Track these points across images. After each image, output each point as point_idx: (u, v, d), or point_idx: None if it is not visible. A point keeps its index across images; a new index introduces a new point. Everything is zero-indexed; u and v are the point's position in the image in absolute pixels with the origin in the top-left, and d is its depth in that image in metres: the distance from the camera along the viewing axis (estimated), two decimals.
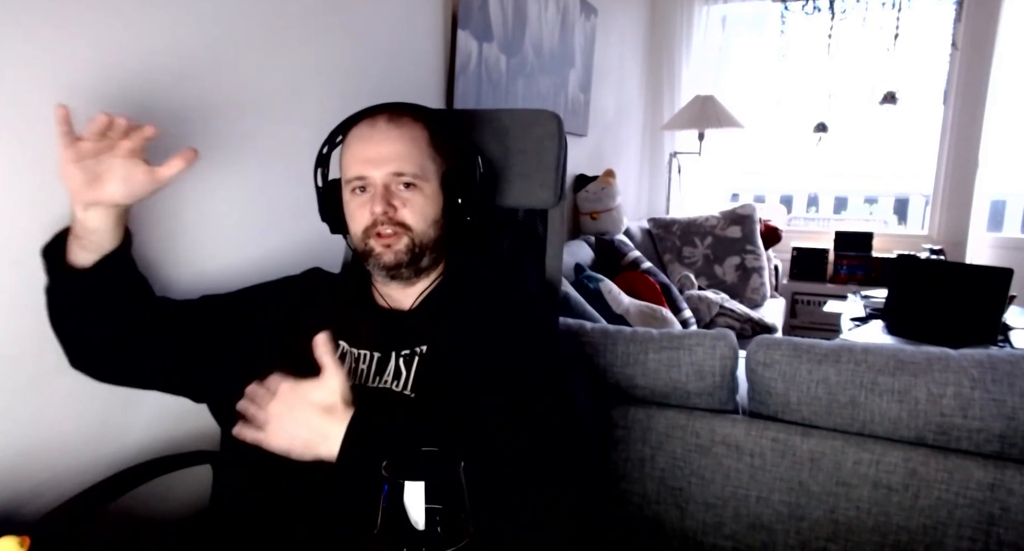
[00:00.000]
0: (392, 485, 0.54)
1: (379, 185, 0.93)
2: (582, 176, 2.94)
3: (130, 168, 0.83)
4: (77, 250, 0.86)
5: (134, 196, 0.85)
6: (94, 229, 0.85)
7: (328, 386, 0.78)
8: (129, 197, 0.84)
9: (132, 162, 0.83)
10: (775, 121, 4.22)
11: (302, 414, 0.77)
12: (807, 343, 1.29)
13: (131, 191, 0.84)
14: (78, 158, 0.80)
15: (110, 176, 0.82)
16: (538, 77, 2.41)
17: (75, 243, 0.86)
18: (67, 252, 0.87)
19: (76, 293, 0.88)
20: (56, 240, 0.88)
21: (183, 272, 1.12)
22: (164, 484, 1.00)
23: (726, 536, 1.30)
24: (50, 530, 0.83)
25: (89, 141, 0.81)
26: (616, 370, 1.38)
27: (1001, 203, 4.06)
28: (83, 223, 0.84)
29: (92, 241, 0.86)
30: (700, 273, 3.26)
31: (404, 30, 1.67)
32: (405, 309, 1.00)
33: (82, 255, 0.87)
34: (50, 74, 0.89)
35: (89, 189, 0.82)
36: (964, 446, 1.16)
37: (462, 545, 0.55)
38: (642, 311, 2.23)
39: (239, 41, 1.18)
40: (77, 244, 0.86)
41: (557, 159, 1.20)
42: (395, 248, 0.94)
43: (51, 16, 0.88)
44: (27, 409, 0.92)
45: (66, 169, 0.81)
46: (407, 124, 0.96)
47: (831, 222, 4.52)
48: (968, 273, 2.38)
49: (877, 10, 3.57)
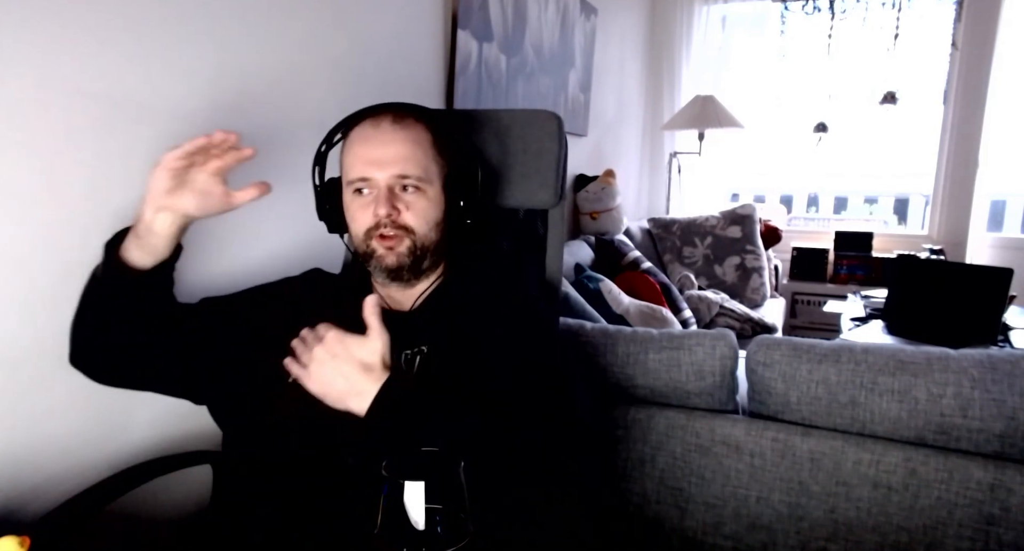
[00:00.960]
0: (392, 485, 0.54)
1: (383, 187, 0.93)
2: (582, 176, 2.94)
3: (211, 185, 0.87)
4: (134, 249, 0.87)
5: (205, 211, 0.88)
6: (158, 233, 0.86)
7: (371, 346, 0.80)
8: (201, 211, 0.87)
9: (214, 180, 0.87)
10: (775, 121, 4.22)
11: (344, 366, 0.79)
12: (807, 343, 1.29)
13: (204, 206, 0.87)
14: (177, 166, 0.83)
15: (191, 187, 0.86)
16: (538, 77, 2.41)
17: (134, 242, 0.87)
18: (122, 249, 0.88)
19: (122, 289, 0.89)
20: (117, 236, 0.89)
21: (184, 275, 1.12)
22: (164, 484, 1.00)
23: (726, 536, 1.30)
24: (50, 530, 0.83)
25: (189, 153, 0.84)
26: (616, 370, 1.38)
27: (1001, 203, 4.06)
28: (149, 225, 0.86)
29: (151, 244, 0.87)
30: (700, 273, 3.26)
31: (404, 30, 1.67)
32: (406, 310, 1.00)
33: (137, 255, 0.88)
34: (54, 74, 0.89)
35: (168, 195, 0.84)
36: (964, 446, 1.16)
37: (462, 545, 0.55)
38: (642, 311, 2.23)
39: (238, 41, 1.17)
40: (136, 243, 0.87)
41: (557, 159, 1.20)
42: (397, 250, 0.94)
43: (56, 15, 0.88)
44: (27, 409, 0.92)
45: (158, 171, 0.84)
46: (411, 125, 0.95)
47: (831, 222, 4.52)
48: (968, 273, 2.38)
49: (877, 10, 3.57)
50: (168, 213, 0.86)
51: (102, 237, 0.89)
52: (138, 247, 0.87)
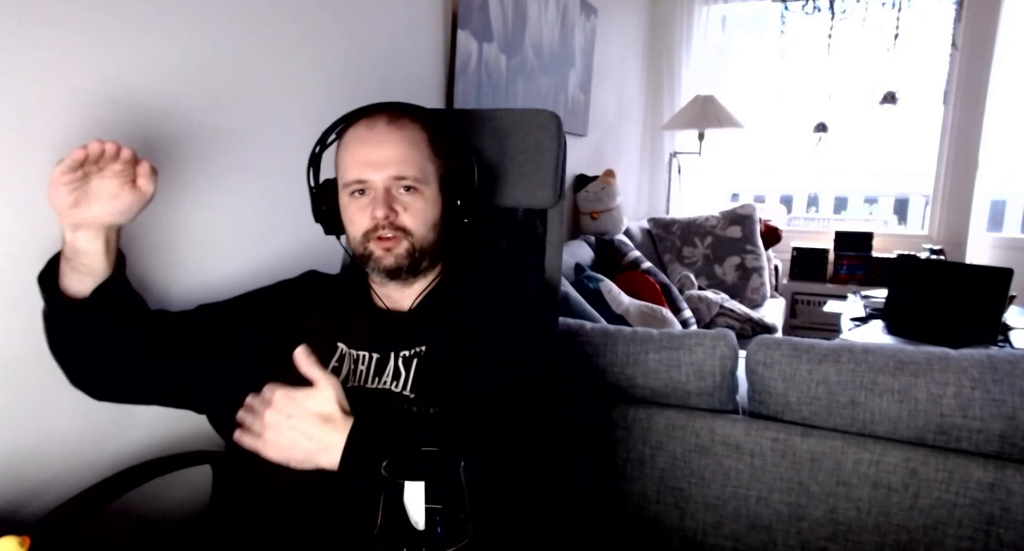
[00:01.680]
0: (392, 485, 0.54)
1: (380, 189, 0.92)
2: (582, 176, 2.94)
3: (116, 188, 0.82)
4: (69, 273, 0.84)
5: (124, 214, 0.84)
6: (84, 251, 0.83)
7: (323, 396, 0.77)
8: (116, 216, 0.84)
9: (118, 182, 0.82)
10: (775, 121, 4.22)
11: (302, 424, 0.76)
12: (807, 343, 1.29)
13: (118, 210, 0.83)
14: (67, 180, 0.79)
15: (96, 196, 0.81)
16: (538, 77, 2.41)
17: (66, 266, 0.84)
18: (60, 277, 0.85)
19: (73, 322, 0.87)
20: (50, 265, 0.86)
21: (181, 282, 1.12)
22: (164, 484, 1.00)
23: (726, 536, 1.30)
24: (50, 530, 0.83)
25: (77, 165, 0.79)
26: (616, 370, 1.38)
27: (1001, 203, 4.06)
28: (72, 245, 0.83)
29: (83, 264, 0.84)
30: (700, 273, 3.26)
31: (404, 30, 1.66)
32: (404, 310, 1.00)
33: (75, 279, 0.85)
34: (51, 77, 0.89)
35: (75, 209, 0.81)
36: (964, 446, 1.16)
37: (462, 545, 0.55)
38: (642, 311, 2.23)
39: (236, 42, 1.17)
40: (68, 267, 0.84)
41: (556, 159, 1.20)
42: (395, 252, 0.94)
43: (53, 20, 0.88)
44: (27, 409, 0.92)
45: (53, 189, 0.79)
46: (407, 126, 0.95)
47: (831, 222, 4.51)
48: (968, 273, 2.38)
49: (877, 10, 3.57)
50: (85, 229, 0.82)
51: None
52: (72, 270, 0.84)
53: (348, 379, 0.92)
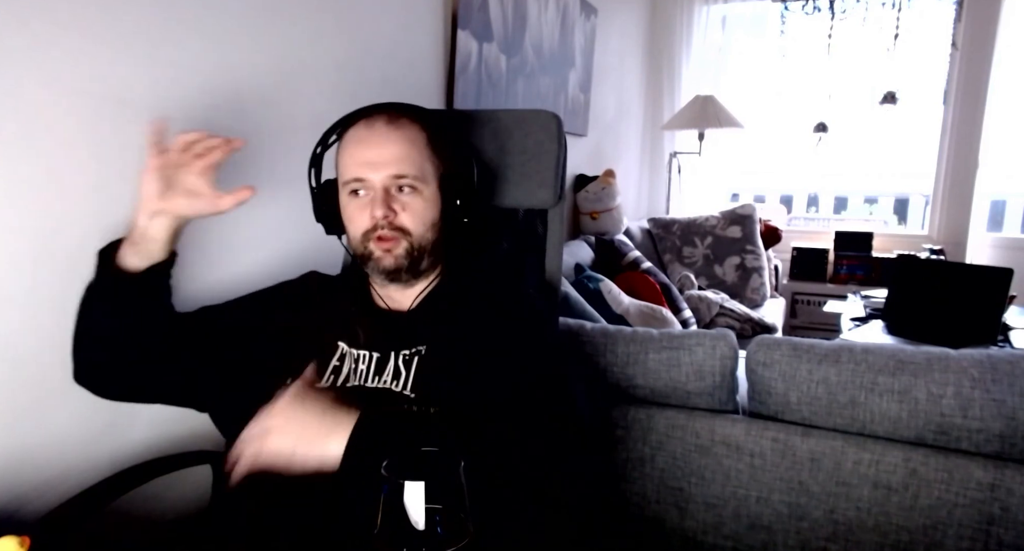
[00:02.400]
0: (392, 485, 0.54)
1: (378, 188, 0.93)
2: (582, 176, 2.94)
3: (199, 186, 0.87)
4: (130, 255, 0.87)
5: (197, 211, 0.88)
6: (153, 238, 0.87)
7: None
8: (193, 211, 0.88)
9: (202, 180, 0.87)
10: (775, 121, 4.22)
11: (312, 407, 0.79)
12: (807, 343, 1.29)
13: (195, 207, 0.87)
14: (162, 168, 0.85)
15: (181, 189, 0.86)
16: (538, 77, 2.41)
17: (130, 249, 0.87)
18: (117, 257, 0.88)
19: (118, 295, 0.88)
20: (110, 246, 0.89)
21: (184, 284, 1.11)
22: (164, 484, 1.00)
23: (726, 536, 1.30)
24: (50, 530, 0.83)
25: (175, 153, 0.85)
26: (616, 370, 1.38)
27: (1001, 203, 4.06)
28: (145, 231, 0.86)
29: (147, 249, 0.87)
30: (700, 273, 3.26)
31: (404, 30, 1.67)
32: (404, 309, 1.00)
33: (133, 260, 0.87)
34: (54, 74, 0.89)
35: (161, 198, 0.85)
36: (964, 446, 1.16)
37: (462, 545, 0.55)
38: (642, 311, 2.23)
39: (238, 42, 1.17)
40: (132, 250, 0.87)
41: (556, 159, 1.20)
42: (394, 252, 0.94)
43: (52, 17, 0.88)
44: (28, 409, 0.92)
45: (147, 176, 0.85)
46: (406, 125, 0.95)
47: (831, 222, 4.52)
48: (968, 273, 2.38)
49: (877, 10, 3.57)
50: (163, 216, 0.86)
51: (102, 236, 0.89)
52: (134, 253, 0.87)
53: (349, 378, 0.92)
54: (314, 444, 0.77)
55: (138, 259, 0.88)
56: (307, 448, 0.77)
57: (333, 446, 0.76)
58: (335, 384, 0.92)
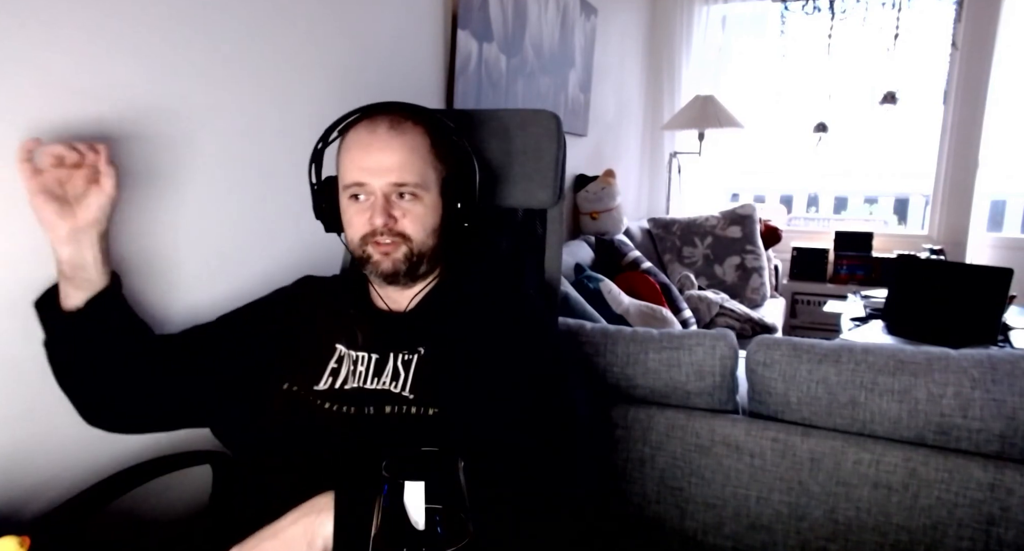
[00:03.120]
0: (392, 485, 0.54)
1: (379, 195, 0.92)
2: (582, 176, 2.94)
3: (83, 188, 0.84)
4: (69, 291, 0.85)
5: (104, 211, 0.85)
6: (80, 264, 0.85)
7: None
8: (101, 213, 0.85)
9: (82, 182, 0.84)
10: (775, 121, 4.22)
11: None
12: (807, 343, 1.29)
13: (101, 207, 0.85)
14: (43, 188, 0.81)
15: (78, 200, 0.84)
16: (538, 77, 2.41)
17: (66, 285, 0.85)
18: (59, 299, 0.86)
19: (73, 338, 0.87)
20: (47, 294, 0.87)
21: (183, 299, 1.12)
22: (164, 484, 1.00)
23: (726, 536, 1.30)
24: (50, 530, 0.83)
25: (50, 170, 0.82)
26: (616, 370, 1.38)
27: (1001, 203, 4.06)
28: (70, 260, 0.84)
29: (81, 278, 0.85)
30: (700, 273, 3.26)
31: (404, 30, 1.66)
32: (403, 311, 1.00)
33: (76, 296, 0.86)
34: (54, 74, 0.89)
35: (64, 218, 0.82)
36: (964, 446, 1.16)
37: (462, 545, 0.55)
38: (642, 311, 2.23)
39: (238, 41, 1.17)
40: (68, 285, 0.85)
41: (556, 159, 1.20)
42: (393, 256, 0.94)
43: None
44: (27, 409, 0.92)
45: (35, 201, 0.81)
46: (408, 131, 0.94)
47: (831, 222, 4.52)
48: (968, 273, 2.38)
49: (877, 10, 3.57)
50: (75, 239, 0.83)
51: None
52: (73, 287, 0.85)
53: (347, 380, 0.92)
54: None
55: (79, 293, 0.85)
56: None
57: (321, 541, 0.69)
58: (333, 386, 0.92)
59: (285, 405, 0.91)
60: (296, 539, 0.69)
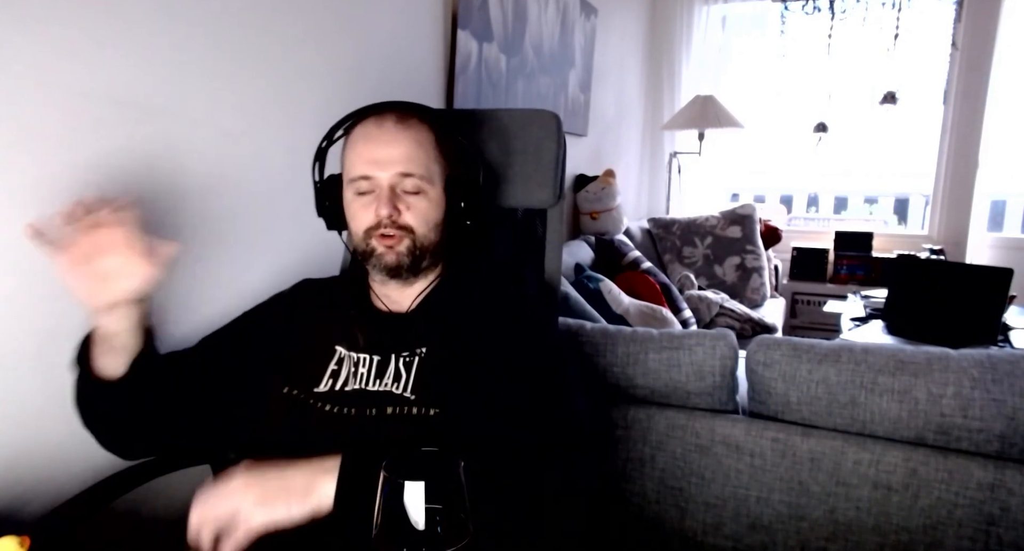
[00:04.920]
0: (392, 485, 0.54)
1: (385, 187, 0.92)
2: (582, 176, 2.94)
3: (129, 258, 0.78)
4: (107, 359, 0.84)
5: (147, 283, 0.80)
6: (116, 332, 0.82)
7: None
8: (142, 285, 0.80)
9: (128, 251, 0.78)
10: (775, 121, 4.22)
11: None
12: (807, 343, 1.29)
13: (143, 279, 0.80)
14: (73, 262, 0.77)
15: (116, 273, 0.78)
16: (538, 77, 2.41)
17: (101, 347, 0.83)
18: (92, 360, 0.84)
19: (109, 400, 0.86)
20: (83, 345, 0.85)
21: (190, 302, 1.12)
22: (164, 484, 1.00)
23: (726, 536, 1.30)
24: (50, 530, 0.83)
25: (72, 239, 0.77)
26: (616, 370, 1.38)
27: (1001, 203, 4.06)
28: (106, 328, 0.82)
29: (118, 343, 0.83)
30: (700, 273, 3.26)
31: (404, 30, 1.67)
32: (403, 311, 1.00)
33: (110, 359, 0.84)
34: (53, 74, 0.89)
35: (100, 293, 0.78)
36: (964, 446, 1.16)
37: (462, 545, 0.55)
38: (642, 311, 2.23)
39: (238, 41, 1.17)
40: (104, 347, 0.83)
41: (556, 159, 1.20)
42: (397, 249, 0.94)
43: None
44: (27, 409, 0.92)
45: (67, 278, 0.77)
46: (415, 125, 0.95)
47: (831, 222, 4.52)
48: (968, 273, 2.38)
49: (877, 10, 3.57)
50: (112, 310, 0.80)
51: None
52: (107, 352, 0.83)
53: (348, 382, 0.92)
54: (293, 502, 0.72)
55: (114, 355, 0.83)
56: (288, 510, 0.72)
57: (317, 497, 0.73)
58: (333, 388, 0.92)
59: (285, 409, 0.91)
60: (297, 488, 0.73)
